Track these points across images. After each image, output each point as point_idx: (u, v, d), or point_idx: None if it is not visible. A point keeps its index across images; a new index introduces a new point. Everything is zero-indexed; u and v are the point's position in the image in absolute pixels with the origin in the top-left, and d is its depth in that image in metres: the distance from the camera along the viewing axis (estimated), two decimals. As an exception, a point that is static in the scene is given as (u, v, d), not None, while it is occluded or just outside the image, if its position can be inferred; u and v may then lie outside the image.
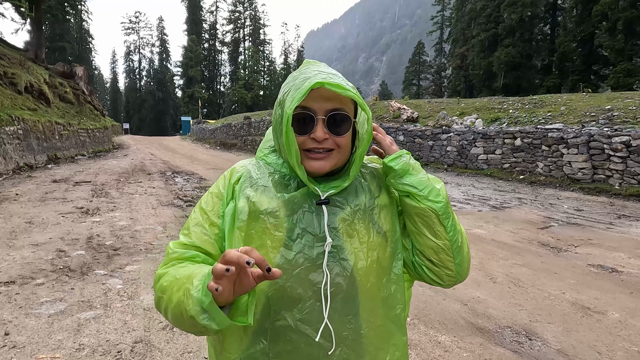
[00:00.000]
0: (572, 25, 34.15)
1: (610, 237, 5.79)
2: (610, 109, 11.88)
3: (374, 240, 0.92)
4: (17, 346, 2.76)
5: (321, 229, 0.88)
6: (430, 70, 61.60)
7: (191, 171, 13.72)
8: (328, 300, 0.85)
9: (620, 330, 3.13)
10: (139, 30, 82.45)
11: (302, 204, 0.90)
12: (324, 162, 0.90)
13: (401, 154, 0.96)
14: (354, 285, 0.88)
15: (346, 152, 0.93)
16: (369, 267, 0.90)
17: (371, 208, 0.94)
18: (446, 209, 0.94)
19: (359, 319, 0.89)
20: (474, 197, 9.08)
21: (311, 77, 0.86)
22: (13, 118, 12.65)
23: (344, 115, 0.89)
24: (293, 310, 0.85)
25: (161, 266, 0.91)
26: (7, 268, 4.20)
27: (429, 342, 2.96)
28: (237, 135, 27.56)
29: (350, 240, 0.90)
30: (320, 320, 0.85)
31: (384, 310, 0.93)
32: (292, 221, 0.88)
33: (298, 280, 0.86)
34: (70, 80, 24.74)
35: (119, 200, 8.18)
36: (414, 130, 15.22)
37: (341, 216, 0.91)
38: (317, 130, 0.87)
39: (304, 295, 0.86)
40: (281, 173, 0.96)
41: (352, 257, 0.89)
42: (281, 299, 0.86)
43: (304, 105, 0.87)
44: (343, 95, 0.86)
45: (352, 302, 0.89)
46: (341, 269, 0.88)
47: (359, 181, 0.97)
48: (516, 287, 3.97)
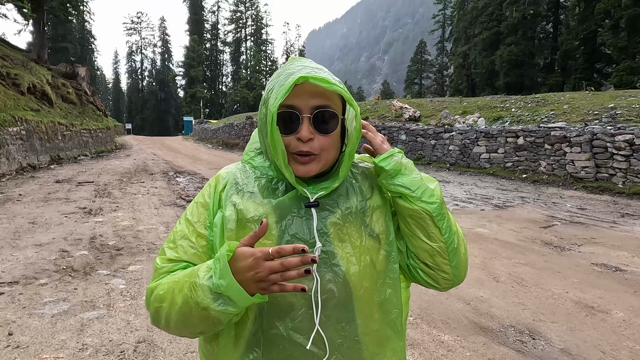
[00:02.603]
0: (574, 23, 33.98)
1: (613, 236, 5.77)
2: (613, 107, 11.83)
3: (366, 243, 0.88)
4: (21, 346, 2.77)
5: (311, 234, 0.85)
6: (433, 69, 61.44)
7: (193, 171, 13.74)
8: (319, 307, 0.82)
9: (625, 329, 3.12)
10: (141, 30, 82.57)
11: (291, 209, 0.87)
12: (311, 165, 0.85)
13: (392, 153, 0.92)
14: (347, 291, 0.85)
15: (335, 151, 0.89)
16: (362, 272, 0.87)
17: (363, 210, 0.91)
18: (440, 210, 0.90)
19: (353, 325, 0.86)
20: (477, 196, 9.06)
21: (295, 73, 0.82)
22: (16, 119, 12.70)
23: (331, 113, 0.85)
24: (285, 319, 0.83)
25: (152, 280, 0.89)
26: (11, 268, 4.22)
27: (432, 341, 2.96)
28: (239, 135, 27.57)
29: (341, 245, 0.86)
30: (312, 328, 0.82)
31: (380, 315, 0.90)
32: (281, 228, 0.85)
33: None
34: (73, 81, 24.83)
35: (121, 201, 8.20)
36: (416, 130, 15.20)
37: (332, 220, 0.87)
38: (303, 130, 0.83)
39: (296, 303, 0.83)
40: (268, 177, 0.91)
41: (344, 263, 0.86)
42: (274, 308, 0.83)
43: (289, 104, 0.83)
44: (329, 90, 0.81)
45: (346, 308, 0.86)
46: (333, 275, 0.84)
47: (350, 182, 0.93)
48: (519, 287, 3.96)
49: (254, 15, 75.58)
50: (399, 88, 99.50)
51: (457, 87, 45.06)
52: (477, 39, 41.06)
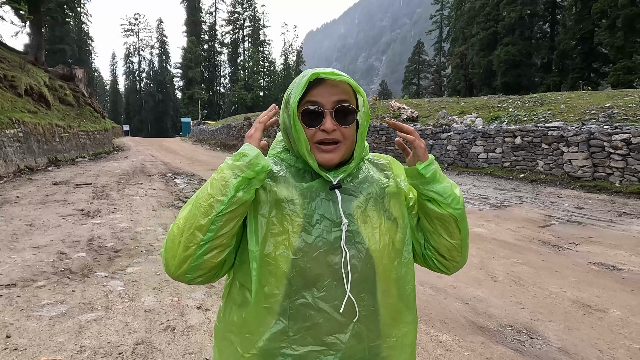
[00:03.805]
0: (571, 23, 34.09)
1: (611, 235, 5.79)
2: (610, 107, 11.86)
3: (385, 225, 0.98)
4: (19, 349, 2.77)
5: (337, 214, 0.95)
6: (430, 69, 61.56)
7: (191, 172, 13.73)
8: (349, 275, 0.92)
9: (622, 328, 3.13)
10: (139, 32, 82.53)
11: (319, 192, 0.97)
12: (333, 154, 0.96)
13: (432, 161, 1.00)
14: (369, 266, 0.94)
15: (352, 142, 1.00)
16: (382, 250, 0.96)
17: (382, 197, 1.01)
18: (463, 214, 1.02)
19: (373, 297, 0.95)
20: (475, 196, 9.07)
21: (307, 74, 0.94)
22: (13, 121, 12.67)
23: (350, 107, 0.96)
24: (312, 289, 0.91)
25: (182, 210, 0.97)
26: (9, 271, 4.21)
27: (430, 341, 2.96)
28: (238, 136, 27.54)
29: (364, 226, 0.96)
30: (338, 297, 0.91)
31: (396, 290, 0.99)
32: (311, 208, 0.95)
33: (317, 262, 0.91)
34: (70, 83, 24.78)
35: (119, 202, 8.18)
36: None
37: (355, 203, 0.98)
38: (327, 122, 0.94)
39: (323, 275, 0.92)
40: (296, 167, 1.02)
41: (366, 241, 0.95)
42: (301, 280, 0.91)
43: (313, 100, 0.95)
44: (337, 80, 0.94)
45: (367, 282, 0.95)
46: (356, 252, 0.94)
47: (369, 173, 1.05)
48: (517, 286, 3.97)
49: (252, 16, 75.60)
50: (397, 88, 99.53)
51: (454, 87, 45.14)
52: (474, 39, 41.16)
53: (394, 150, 15.82)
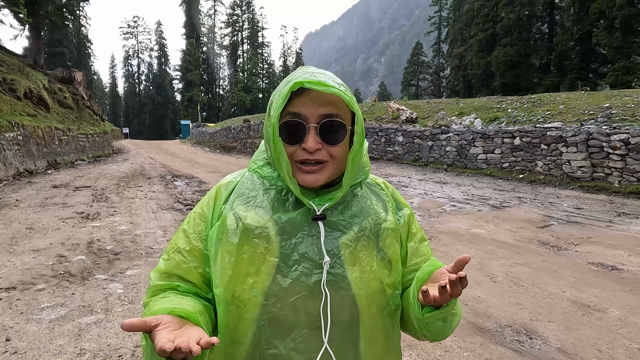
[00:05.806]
0: (569, 23, 34.20)
1: (610, 235, 5.79)
2: (608, 107, 11.89)
3: (376, 268, 0.85)
4: (19, 352, 2.77)
5: (320, 254, 0.81)
6: (429, 70, 61.73)
7: (191, 175, 13.73)
8: (328, 323, 0.79)
9: (621, 328, 3.13)
10: (138, 34, 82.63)
11: (302, 227, 0.83)
12: (317, 175, 0.81)
13: (459, 312, 0.86)
14: (354, 315, 0.82)
15: (343, 161, 0.84)
16: (371, 297, 0.84)
17: (377, 233, 0.87)
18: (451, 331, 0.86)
19: (355, 347, 0.84)
20: (474, 196, 9.08)
21: (293, 80, 0.78)
22: (13, 124, 12.68)
23: (339, 123, 0.81)
24: (286, 339, 0.80)
25: (147, 295, 0.88)
26: (8, 274, 4.21)
27: (429, 342, 2.96)
28: (237, 138, 27.58)
29: (351, 269, 0.83)
30: (315, 348, 0.79)
31: (382, 339, 0.88)
32: (290, 245, 0.81)
33: (293, 309, 0.80)
34: (70, 86, 24.81)
35: (119, 205, 8.19)
36: (413, 131, 15.24)
37: (343, 241, 0.83)
38: (309, 140, 0.79)
39: (299, 323, 0.80)
40: (277, 187, 0.87)
41: (353, 287, 0.82)
42: (273, 328, 0.80)
43: (295, 112, 0.80)
44: (326, 93, 0.77)
45: (350, 331, 0.83)
46: (339, 298, 0.81)
47: (364, 202, 0.90)
48: (516, 286, 3.98)
49: (250, 19, 75.72)
50: (396, 90, 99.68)
51: (453, 89, 45.23)
52: (473, 40, 41.26)
53: (393, 152, 15.84)
